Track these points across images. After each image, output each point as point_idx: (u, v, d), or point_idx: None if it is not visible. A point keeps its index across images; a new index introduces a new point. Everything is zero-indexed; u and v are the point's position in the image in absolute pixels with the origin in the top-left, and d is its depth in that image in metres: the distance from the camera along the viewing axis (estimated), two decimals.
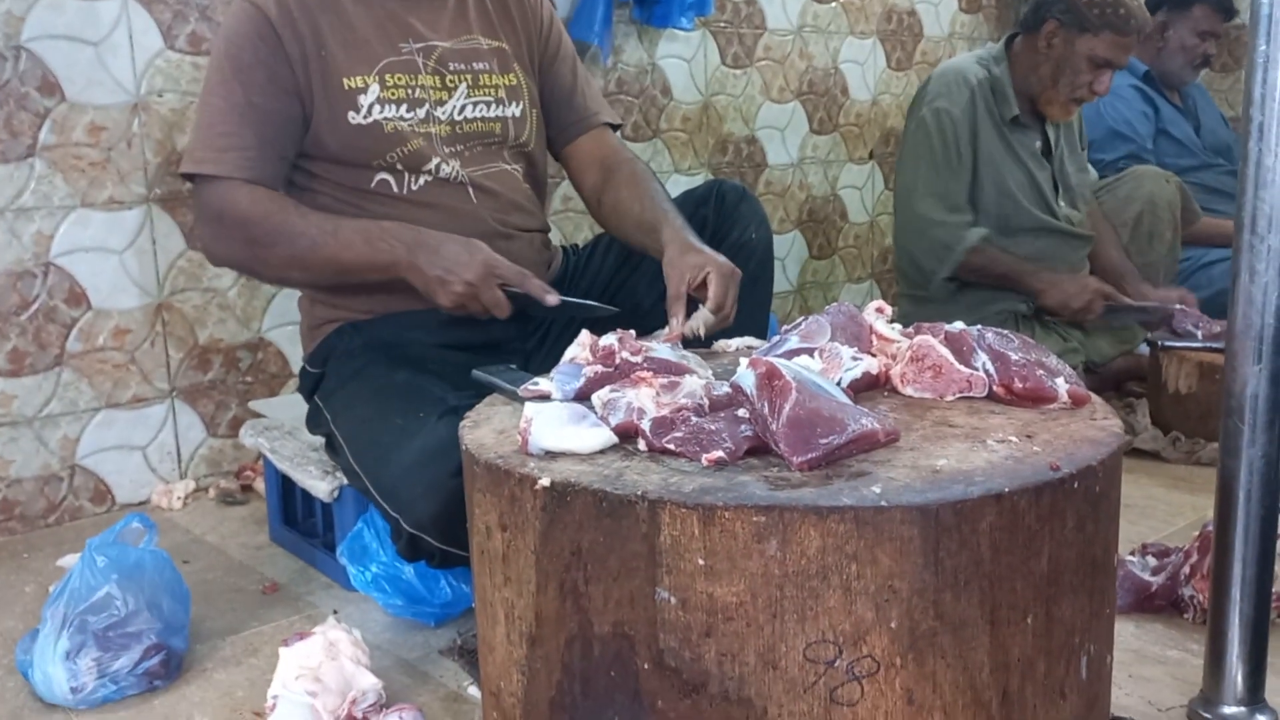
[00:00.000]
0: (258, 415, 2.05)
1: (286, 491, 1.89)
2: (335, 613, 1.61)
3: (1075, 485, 1.02)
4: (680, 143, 3.06)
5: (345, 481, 1.65)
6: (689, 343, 1.45)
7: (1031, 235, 2.55)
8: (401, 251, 1.47)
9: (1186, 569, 1.56)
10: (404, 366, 1.55)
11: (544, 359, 1.65)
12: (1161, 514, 1.99)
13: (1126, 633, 1.53)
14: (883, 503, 0.94)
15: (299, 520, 1.89)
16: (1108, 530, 1.10)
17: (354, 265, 1.50)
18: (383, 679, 1.35)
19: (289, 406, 1.95)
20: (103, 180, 2.06)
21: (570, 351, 1.31)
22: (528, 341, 1.73)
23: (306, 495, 1.81)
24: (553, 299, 1.46)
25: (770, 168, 3.30)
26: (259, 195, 1.51)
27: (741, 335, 1.72)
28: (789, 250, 3.41)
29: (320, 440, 1.72)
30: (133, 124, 2.09)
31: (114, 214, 2.09)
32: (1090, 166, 2.79)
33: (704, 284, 1.45)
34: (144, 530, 1.52)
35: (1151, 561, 1.64)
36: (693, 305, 1.47)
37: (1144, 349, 2.67)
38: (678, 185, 3.05)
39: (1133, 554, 1.67)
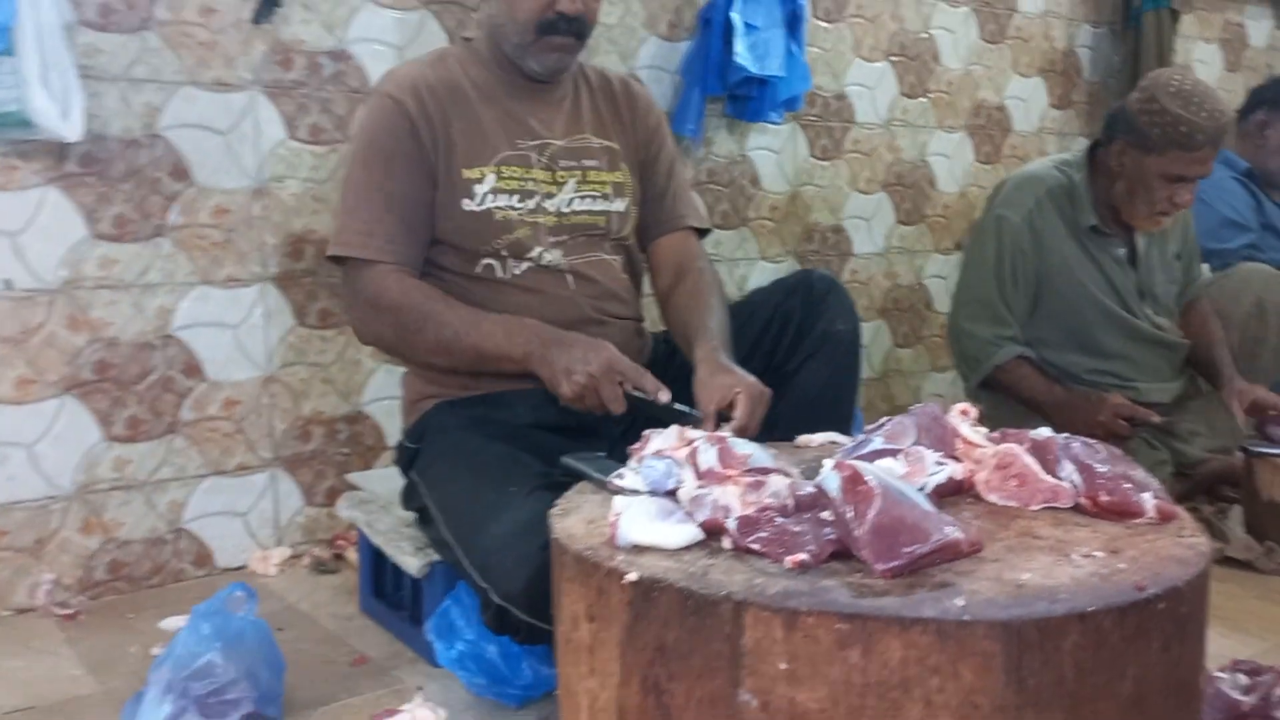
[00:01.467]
0: (353, 486, 2.13)
1: (378, 564, 1.96)
2: (420, 689, 1.66)
3: (1161, 606, 1.02)
4: (767, 231, 3.12)
5: (436, 558, 1.71)
6: None
7: (1118, 340, 2.49)
8: (536, 346, 1.56)
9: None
10: (497, 443, 1.61)
11: (631, 444, 1.69)
12: (1254, 628, 1.94)
13: None
14: (966, 616, 0.95)
15: (388, 593, 1.94)
16: (1195, 651, 1.09)
17: (492, 355, 1.60)
18: None
19: (384, 480, 2.03)
20: (223, 259, 2.20)
21: (657, 442, 1.35)
22: (616, 426, 1.78)
23: (397, 569, 1.87)
24: (664, 396, 1.51)
25: (856, 256, 3.34)
26: (409, 285, 1.63)
27: (826, 428, 1.74)
28: (873, 338, 3.43)
29: (413, 516, 1.78)
30: (254, 208, 2.22)
31: (232, 291, 2.21)
32: (1202, 264, 2.72)
33: (733, 404, 1.49)
34: (246, 598, 1.59)
35: (1243, 680, 1.59)
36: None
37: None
38: (764, 272, 3.11)
39: (1222, 671, 1.63)
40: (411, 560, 1.75)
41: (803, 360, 1.78)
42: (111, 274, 2.08)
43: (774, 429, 1.77)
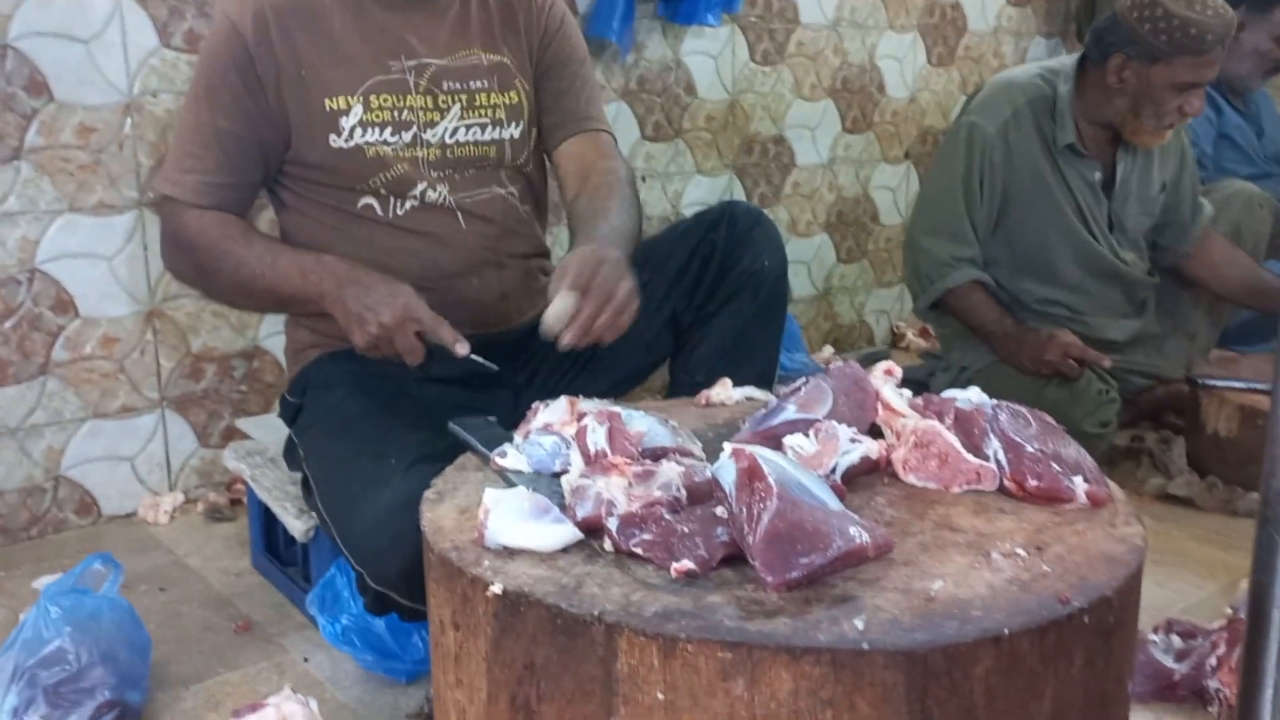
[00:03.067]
0: (243, 434, 1.98)
1: (269, 519, 1.82)
2: (305, 660, 1.54)
3: (1086, 620, 0.91)
4: (704, 143, 2.93)
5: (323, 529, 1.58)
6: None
7: (1076, 269, 2.34)
8: (330, 285, 1.42)
9: (1213, 659, 1.44)
10: (382, 403, 1.47)
11: (534, 396, 1.56)
12: (1191, 575, 1.87)
13: None
14: (864, 644, 0.84)
15: (280, 550, 1.82)
16: (1121, 660, 0.99)
17: (290, 296, 1.47)
18: None
19: (275, 428, 1.87)
20: (92, 184, 1.99)
21: (545, 416, 1.22)
22: (517, 375, 1.64)
23: None
24: (462, 349, 1.38)
25: (799, 168, 3.17)
26: (207, 221, 1.48)
27: (748, 372, 1.61)
28: (815, 254, 3.28)
29: (299, 475, 1.64)
30: (124, 125, 2.01)
31: (104, 219, 2.01)
32: (1203, 201, 2.51)
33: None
34: (107, 571, 1.45)
35: (1176, 642, 1.52)
36: None
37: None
38: (700, 187, 2.94)
39: (1156, 631, 1.56)
40: (296, 523, 1.62)
41: (725, 300, 1.67)
42: None
43: (695, 373, 1.65)
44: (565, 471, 1.12)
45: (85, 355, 2.03)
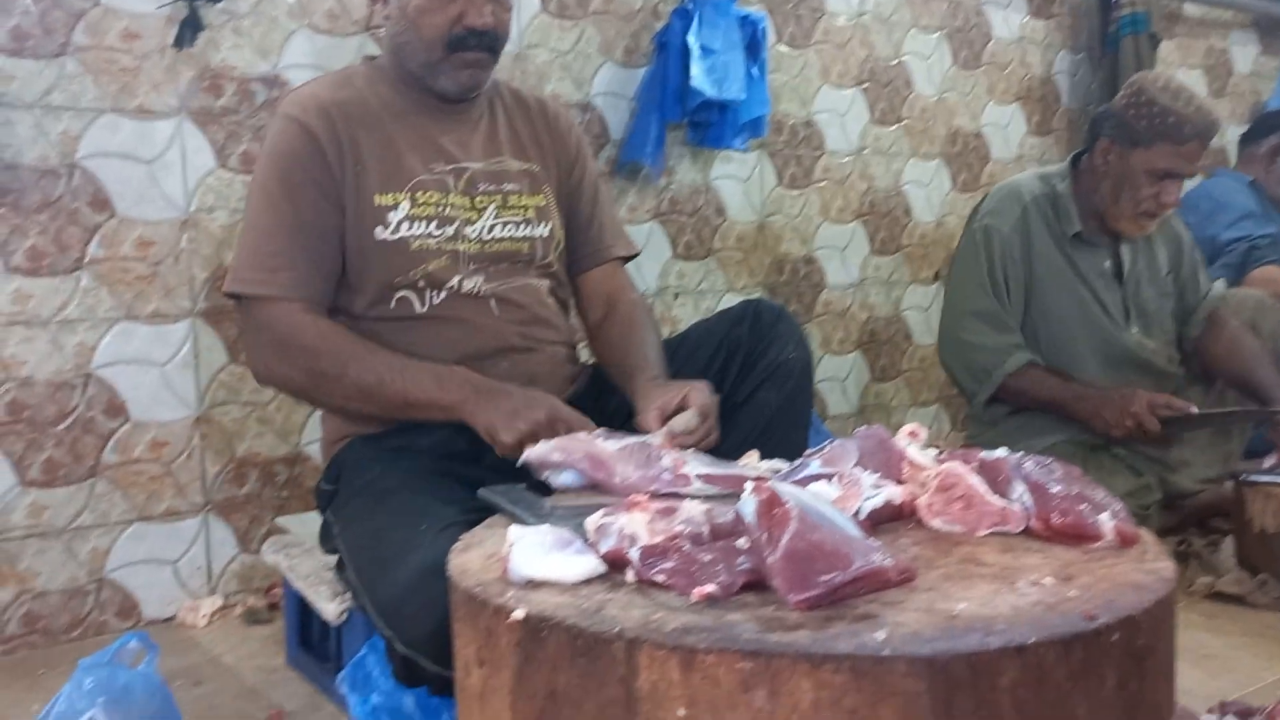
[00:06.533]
0: (282, 530, 2.01)
1: (305, 612, 1.83)
2: None
3: (1114, 638, 0.90)
4: (735, 262, 3.02)
5: (354, 603, 1.58)
6: None
7: (1100, 362, 2.36)
8: (469, 393, 1.47)
9: None
10: (414, 477, 1.50)
11: None
12: (1245, 667, 1.80)
13: None
14: (886, 651, 0.83)
15: (315, 644, 1.82)
16: (1157, 689, 0.96)
17: (421, 402, 1.50)
18: None
19: (313, 523, 1.90)
20: (149, 294, 2.09)
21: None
22: None
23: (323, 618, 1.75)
24: None
25: (829, 288, 3.24)
26: (326, 326, 1.53)
27: (777, 456, 1.63)
28: (849, 372, 3.31)
29: (335, 559, 1.66)
30: (181, 239, 2.13)
31: (158, 327, 2.11)
32: (1211, 280, 2.58)
33: (682, 406, 1.45)
34: (143, 651, 1.46)
35: None
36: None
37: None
38: (727, 304, 3.00)
39: (1211, 712, 1.50)
40: (328, 606, 1.63)
41: (753, 389, 1.70)
42: (26, 310, 1.98)
43: (725, 459, 1.67)
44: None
45: (134, 459, 2.09)
